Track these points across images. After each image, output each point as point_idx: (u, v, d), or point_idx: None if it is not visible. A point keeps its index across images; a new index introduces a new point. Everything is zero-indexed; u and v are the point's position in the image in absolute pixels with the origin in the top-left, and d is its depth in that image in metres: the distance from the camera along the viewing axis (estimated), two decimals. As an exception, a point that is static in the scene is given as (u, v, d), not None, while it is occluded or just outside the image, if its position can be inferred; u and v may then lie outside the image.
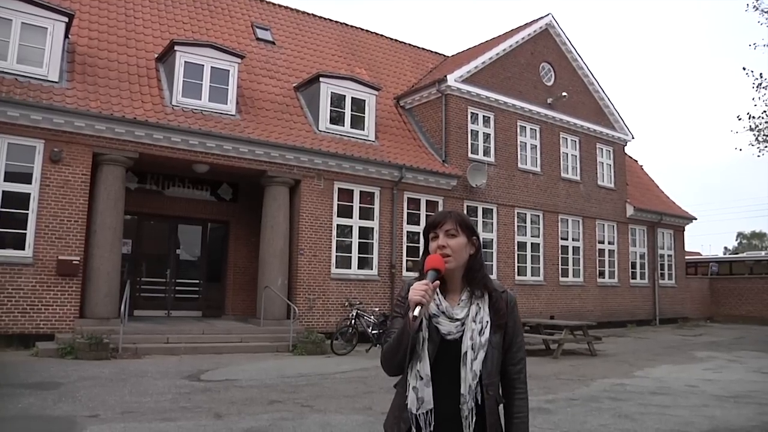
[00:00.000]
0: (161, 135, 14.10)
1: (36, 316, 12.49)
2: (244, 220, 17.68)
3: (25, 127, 12.68)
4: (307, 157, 16.11)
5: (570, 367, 13.04)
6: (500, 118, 20.91)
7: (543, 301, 21.24)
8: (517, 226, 20.96)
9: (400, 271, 17.70)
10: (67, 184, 13.03)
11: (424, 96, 20.49)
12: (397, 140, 19.38)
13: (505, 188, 20.68)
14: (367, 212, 17.43)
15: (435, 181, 18.52)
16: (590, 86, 24.34)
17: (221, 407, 7.98)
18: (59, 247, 12.81)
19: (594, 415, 8.15)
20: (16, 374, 9.58)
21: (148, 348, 12.59)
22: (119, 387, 9.01)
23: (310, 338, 14.08)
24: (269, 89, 18.08)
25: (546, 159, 22.19)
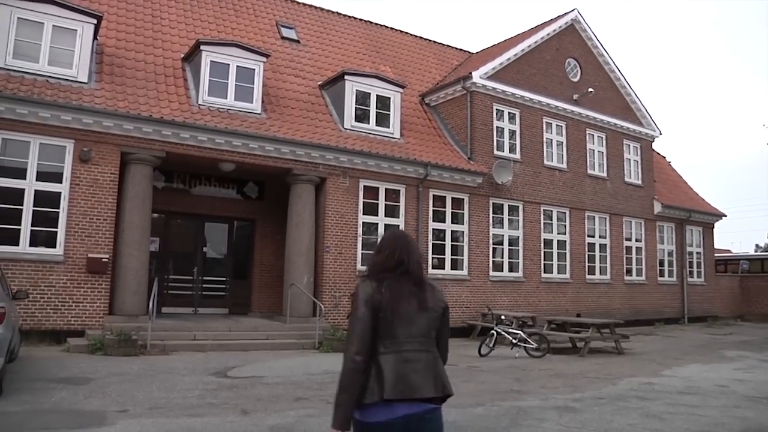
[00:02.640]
0: (188, 134, 14.21)
1: (67, 312, 12.70)
2: (270, 218, 17.77)
3: (55, 127, 12.88)
4: (333, 155, 16.13)
5: (597, 366, 12.92)
6: (526, 114, 20.76)
7: (569, 299, 21.07)
8: (543, 224, 20.81)
9: (426, 269, 17.54)
10: (96, 183, 13.22)
11: (449, 93, 20.41)
12: (422, 137, 19.34)
13: (531, 185, 20.54)
14: (393, 210, 17.40)
15: (460, 178, 18.43)
16: (617, 82, 24.05)
17: (248, 404, 8.02)
18: (89, 245, 13.00)
19: (621, 414, 8.05)
20: (48, 369, 9.75)
21: (175, 345, 12.72)
22: (148, 383, 9.12)
23: (336, 335, 14.07)
24: (294, 87, 18.14)
25: (572, 156, 21.99)
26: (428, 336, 3.07)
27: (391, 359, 2.93)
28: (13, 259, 12.23)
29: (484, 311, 17.84)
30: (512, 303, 19.35)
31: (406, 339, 2.98)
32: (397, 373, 2.91)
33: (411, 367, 2.95)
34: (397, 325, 2.98)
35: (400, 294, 3.04)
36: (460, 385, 10.11)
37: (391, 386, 2.87)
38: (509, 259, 19.88)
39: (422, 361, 2.99)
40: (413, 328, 3.01)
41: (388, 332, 2.97)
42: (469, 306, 18.41)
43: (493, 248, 19.37)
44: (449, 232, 18.45)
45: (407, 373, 2.93)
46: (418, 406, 2.93)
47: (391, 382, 2.88)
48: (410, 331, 3.00)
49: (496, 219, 19.62)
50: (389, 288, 3.04)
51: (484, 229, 19.09)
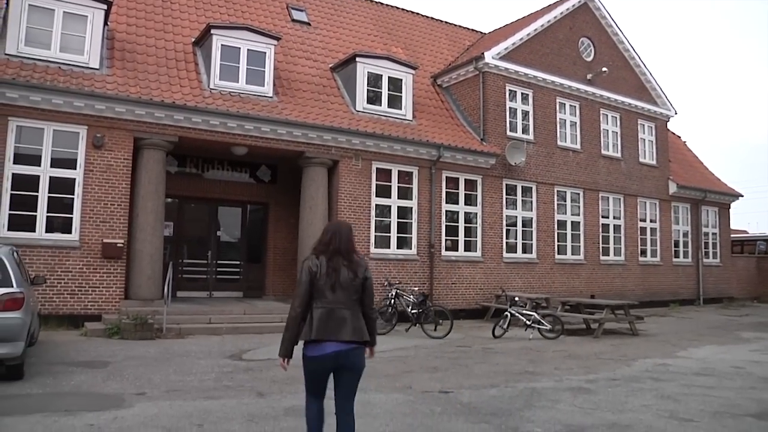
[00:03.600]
0: (200, 118, 14.24)
1: (84, 297, 12.85)
2: (283, 202, 17.82)
3: (68, 114, 12.95)
4: (345, 138, 16.12)
5: (611, 347, 12.92)
6: (539, 95, 20.63)
7: (583, 280, 21.03)
8: (557, 205, 20.74)
9: (440, 251, 17.67)
10: (110, 169, 13.31)
11: (462, 74, 20.29)
12: (435, 119, 19.26)
13: (545, 166, 20.45)
14: (406, 192, 17.40)
15: (473, 159, 18.38)
16: (631, 61, 23.78)
17: (263, 386, 8.10)
18: (104, 231, 13.12)
19: (636, 396, 8.06)
20: (67, 353, 9.90)
21: (191, 328, 12.85)
22: (164, 366, 9.23)
23: (349, 318, 14.14)
24: (306, 70, 18.09)
25: (586, 136, 21.83)
26: (350, 298, 4.45)
27: (319, 312, 4.38)
28: (30, 245, 12.37)
29: (497, 293, 17.88)
30: (526, 284, 19.34)
31: (332, 299, 4.40)
32: (322, 322, 4.35)
33: (333, 319, 4.37)
34: (326, 290, 4.40)
35: (331, 267, 4.44)
36: (474, 366, 10.19)
37: (316, 330, 4.34)
38: (523, 240, 19.84)
39: (343, 316, 4.39)
40: (339, 292, 4.42)
41: (320, 294, 4.41)
42: (483, 288, 18.42)
43: (506, 230, 19.31)
44: (462, 214, 18.42)
45: (329, 323, 4.36)
46: (344, 345, 4.37)
47: (317, 328, 4.34)
48: (336, 294, 4.41)
49: (509, 200, 19.53)
50: (323, 262, 4.46)
51: (497, 211, 19.05)
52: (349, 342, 4.40)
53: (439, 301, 16.86)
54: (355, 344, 4.44)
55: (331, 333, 4.35)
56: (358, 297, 4.53)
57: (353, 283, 4.48)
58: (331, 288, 4.43)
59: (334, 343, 4.36)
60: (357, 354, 4.47)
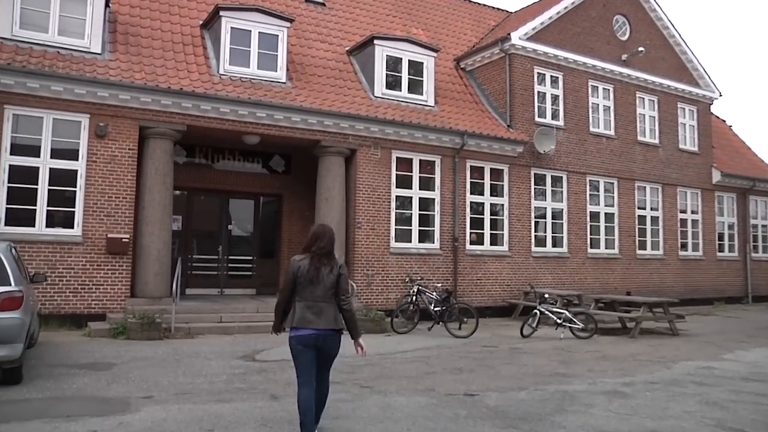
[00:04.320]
0: (209, 106, 14.23)
1: (87, 295, 12.92)
2: (297, 193, 17.81)
3: (69, 101, 12.98)
4: (363, 125, 16.06)
5: (649, 348, 12.75)
6: (569, 77, 20.40)
7: (618, 276, 20.83)
8: (589, 195, 20.55)
9: (464, 245, 17.57)
10: (114, 160, 13.34)
11: (486, 56, 20.12)
12: (458, 105, 19.14)
13: (576, 154, 20.24)
14: (428, 182, 17.32)
15: (500, 147, 18.23)
16: (670, 39, 23.41)
17: (277, 388, 8.08)
18: (108, 225, 13.16)
19: (677, 401, 7.90)
20: (69, 355, 9.94)
21: (201, 327, 12.88)
22: (173, 368, 9.24)
23: (368, 316, 14.15)
24: (321, 54, 18.05)
25: (621, 121, 21.56)
26: (327, 293, 5.58)
27: (300, 305, 5.56)
28: (30, 240, 12.43)
29: (526, 289, 17.77)
30: (556, 280, 19.22)
31: (310, 294, 5.56)
32: (302, 314, 5.52)
33: (311, 311, 5.52)
34: (306, 286, 5.57)
35: (313, 266, 5.59)
36: (501, 367, 10.12)
37: (297, 320, 5.52)
38: (553, 233, 19.70)
39: (320, 309, 5.54)
40: (316, 288, 5.56)
41: (301, 290, 5.59)
42: (510, 284, 18.31)
43: (535, 222, 19.18)
44: (488, 205, 18.31)
45: (307, 314, 5.52)
46: (321, 331, 5.50)
47: (298, 318, 5.52)
48: (313, 290, 5.56)
49: (538, 191, 19.39)
50: (305, 262, 5.64)
51: (525, 202, 18.91)
52: (324, 329, 5.53)
53: (463, 298, 16.75)
54: (329, 331, 5.57)
55: (310, 322, 5.51)
56: (334, 291, 5.62)
57: (330, 279, 5.61)
58: (311, 284, 5.57)
59: (311, 329, 5.51)
60: (331, 338, 5.61)
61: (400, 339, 13.23)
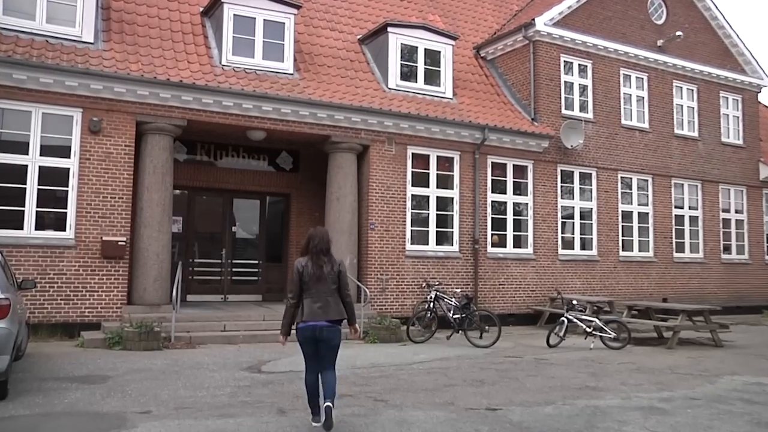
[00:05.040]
0: (211, 99, 14.25)
1: (80, 303, 12.93)
2: (306, 192, 17.82)
3: (60, 94, 12.99)
4: (376, 119, 16.05)
5: (688, 360, 12.62)
6: (599, 66, 20.29)
7: (653, 281, 20.69)
8: (621, 194, 20.43)
9: (485, 247, 17.51)
10: (110, 157, 13.36)
11: (509, 44, 20.06)
12: (479, 97, 19.10)
13: (606, 149, 20.13)
14: (446, 180, 17.29)
15: (523, 142, 18.18)
16: (713, 21, 23.16)
17: (285, 402, 8.08)
18: (103, 227, 13.18)
19: (723, 420, 7.77)
20: (61, 367, 9.93)
21: (203, 337, 12.90)
22: (172, 380, 9.24)
23: (383, 324, 14.16)
24: (330, 43, 18.04)
25: (656, 113, 21.41)
26: (330, 288, 6.70)
27: (308, 301, 6.63)
28: (17, 244, 12.47)
29: (552, 295, 17.69)
30: (585, 286, 19.14)
31: (316, 291, 6.64)
32: (310, 308, 6.60)
33: (317, 306, 6.60)
34: (312, 283, 6.64)
35: (313, 265, 6.68)
36: (526, 379, 10.08)
37: (305, 314, 6.59)
38: (581, 235, 19.64)
39: (326, 302, 6.64)
40: (321, 284, 6.65)
41: (307, 287, 6.66)
42: (535, 289, 18.25)
43: (562, 223, 19.13)
44: (511, 205, 18.26)
45: (315, 308, 6.59)
46: (323, 323, 6.59)
47: (307, 313, 6.59)
48: (318, 286, 6.65)
49: (565, 189, 19.34)
50: (308, 261, 6.72)
51: (551, 201, 18.85)
52: (329, 320, 6.66)
53: (484, 305, 16.74)
54: (332, 322, 6.69)
55: (317, 316, 6.62)
56: (337, 286, 6.79)
57: (331, 275, 6.74)
58: (316, 281, 6.67)
59: (319, 321, 6.63)
60: (333, 330, 6.70)
61: (416, 348, 13.20)
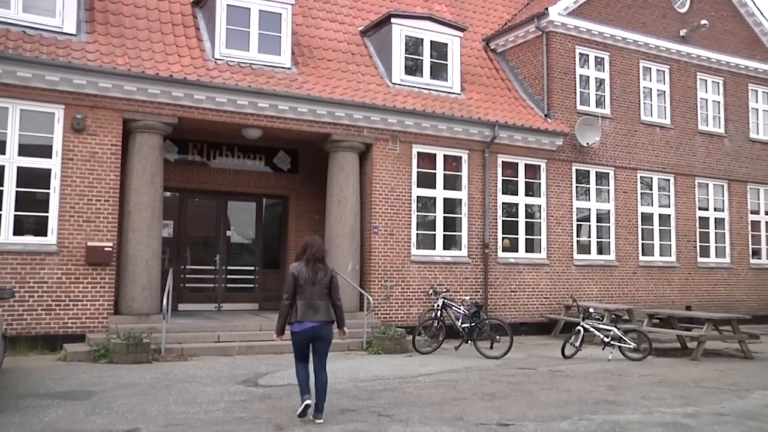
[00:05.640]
0: (203, 95, 14.25)
1: (63, 313, 12.89)
2: (305, 194, 17.82)
3: (39, 90, 12.95)
4: (379, 116, 16.05)
5: (715, 373, 12.55)
6: (617, 58, 20.26)
7: (676, 288, 20.63)
8: (640, 194, 20.40)
9: (495, 252, 17.48)
10: (95, 157, 13.33)
11: (520, 35, 20.04)
12: (488, 92, 19.10)
13: (625, 147, 20.09)
14: (454, 180, 17.29)
15: (536, 140, 18.16)
16: (741, 8, 23.03)
17: (283, 417, 8.09)
18: (88, 232, 13.15)
19: (754, 437, 7.72)
20: (41, 382, 9.88)
21: (195, 348, 12.89)
22: (163, 395, 9.24)
23: (387, 334, 14.14)
24: (330, 35, 18.05)
25: (678, 108, 21.36)
26: (322, 292, 7.78)
27: (301, 303, 7.68)
28: (-7, 251, 12.52)
29: (567, 303, 17.67)
30: (603, 293, 19.11)
31: (309, 293, 7.70)
32: (303, 309, 7.65)
33: (310, 307, 7.67)
34: (305, 287, 7.71)
35: (308, 270, 7.77)
36: (540, 393, 10.08)
37: (299, 315, 7.65)
38: (598, 238, 19.61)
39: (317, 305, 7.72)
40: (314, 288, 7.72)
41: (301, 290, 7.71)
42: (549, 297, 18.22)
43: (577, 225, 19.12)
44: (523, 207, 18.25)
45: (308, 310, 7.66)
46: (316, 323, 7.68)
47: (300, 314, 7.65)
48: (311, 290, 7.71)
49: (580, 189, 19.33)
50: (302, 267, 7.81)
51: (565, 202, 18.83)
52: (321, 321, 7.77)
53: (495, 313, 16.75)
54: (324, 322, 7.81)
55: (310, 316, 7.73)
56: (328, 291, 7.91)
57: (324, 280, 7.87)
58: (311, 285, 7.79)
59: (310, 322, 7.72)
60: (326, 329, 7.85)
61: (423, 360, 13.20)
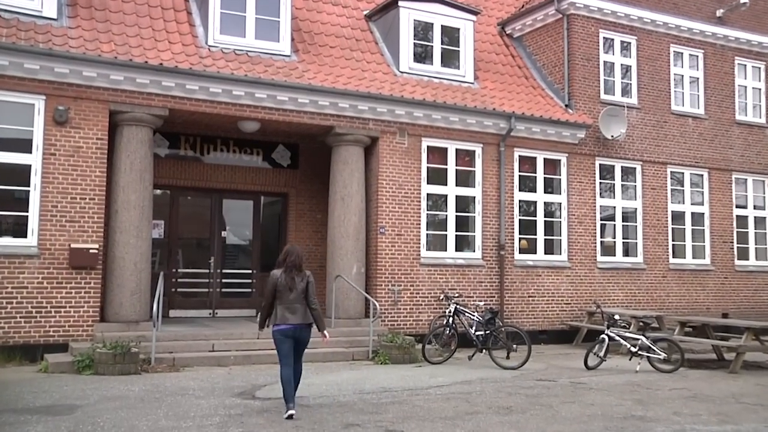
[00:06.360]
0: (196, 85, 14.25)
1: (44, 321, 12.89)
2: (306, 192, 17.85)
3: (17, 79, 12.93)
4: (386, 108, 16.05)
5: (756, 387, 12.42)
6: (646, 42, 20.18)
7: (710, 293, 20.55)
8: (670, 191, 20.34)
9: (512, 254, 17.47)
10: (79, 152, 13.33)
11: (539, 19, 20.01)
12: (504, 80, 19.11)
13: (654, 139, 20.02)
14: (467, 177, 17.29)
15: (556, 132, 18.13)
16: (786, -16, 22.91)
17: (281, 433, 8.06)
18: (71, 233, 13.17)
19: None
20: (19, 396, 9.87)
21: (188, 358, 12.91)
22: (152, 409, 9.25)
23: (394, 342, 14.16)
24: (333, 20, 18.06)
25: (713, 96, 21.26)
26: (300, 297, 9.07)
27: (280, 307, 9.08)
28: (-33, 254, 12.54)
29: (590, 309, 17.55)
30: (629, 298, 19.08)
31: (288, 299, 9.05)
32: (282, 313, 9.07)
33: (289, 312, 9.05)
34: (284, 293, 9.05)
35: (289, 277, 9.09)
36: (561, 407, 10.08)
37: (279, 318, 9.08)
38: (624, 239, 19.61)
39: (295, 308, 9.05)
40: (292, 294, 9.05)
41: (280, 296, 9.09)
42: (570, 302, 18.20)
43: (601, 225, 19.11)
44: (541, 205, 18.25)
45: (286, 314, 9.04)
46: (296, 325, 9.06)
47: (280, 317, 9.08)
48: (289, 296, 9.04)
49: (604, 186, 19.31)
50: (281, 274, 9.12)
51: (588, 200, 18.79)
52: (299, 324, 9.05)
53: (511, 320, 16.75)
54: (302, 325, 9.10)
55: (288, 319, 9.01)
56: (305, 295, 9.13)
57: (301, 286, 9.11)
58: (289, 291, 9.02)
59: (289, 324, 9.01)
60: (304, 330, 9.16)
61: (433, 370, 13.21)
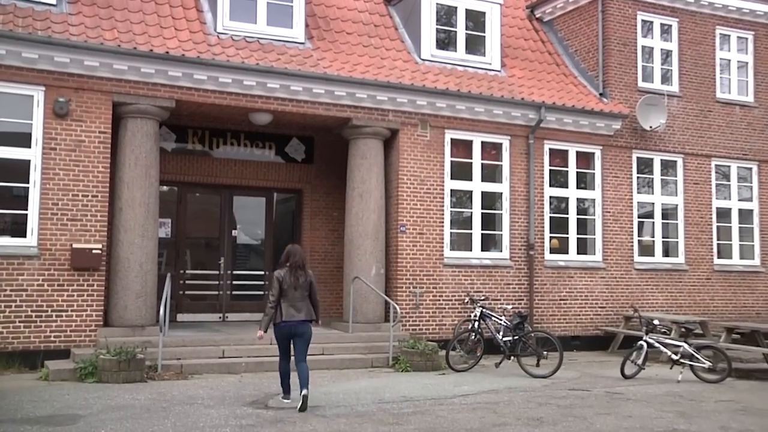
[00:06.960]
0: (204, 74, 14.27)
1: (44, 325, 12.93)
2: (322, 188, 17.87)
3: (15, 69, 12.97)
4: (407, 98, 16.02)
5: (816, 401, 12.29)
6: (688, 25, 20.00)
7: (761, 297, 20.38)
8: (715, 186, 20.19)
9: (542, 254, 17.42)
10: (80, 147, 13.37)
11: (571, 1, 19.90)
12: (533, 68, 19.06)
13: (697, 130, 19.85)
14: (493, 171, 17.26)
15: (589, 123, 18.02)
16: None
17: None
18: (73, 233, 13.22)
19: None
20: (19, 405, 9.88)
21: (197, 365, 12.93)
22: (159, 419, 9.24)
23: (416, 348, 14.15)
24: (350, 4, 18.08)
25: (764, 82, 21.06)
26: (303, 295, 10.37)
27: (285, 305, 10.26)
28: (-37, 254, 12.61)
29: (627, 313, 17.50)
30: (670, 302, 18.96)
31: (292, 296, 10.29)
32: (287, 311, 10.25)
33: (293, 309, 10.27)
34: (289, 291, 10.29)
35: (290, 276, 10.32)
36: (596, 419, 10.01)
37: (283, 315, 10.25)
38: (664, 238, 19.49)
39: (299, 307, 10.30)
40: (296, 291, 10.32)
41: (285, 293, 10.29)
42: (606, 306, 18.11)
43: (639, 223, 19.02)
44: (574, 201, 18.20)
45: (291, 311, 10.26)
46: (299, 321, 10.31)
47: (284, 314, 10.24)
48: (294, 293, 10.30)
49: (642, 181, 19.23)
50: (286, 273, 10.36)
51: (625, 196, 18.69)
52: (302, 320, 10.20)
53: (542, 325, 16.74)
54: (305, 321, 10.24)
55: (292, 316, 10.12)
56: (308, 293, 10.35)
57: (305, 285, 10.29)
58: (294, 289, 10.16)
59: (293, 320, 10.12)
60: (305, 326, 10.29)
61: (458, 378, 13.18)
